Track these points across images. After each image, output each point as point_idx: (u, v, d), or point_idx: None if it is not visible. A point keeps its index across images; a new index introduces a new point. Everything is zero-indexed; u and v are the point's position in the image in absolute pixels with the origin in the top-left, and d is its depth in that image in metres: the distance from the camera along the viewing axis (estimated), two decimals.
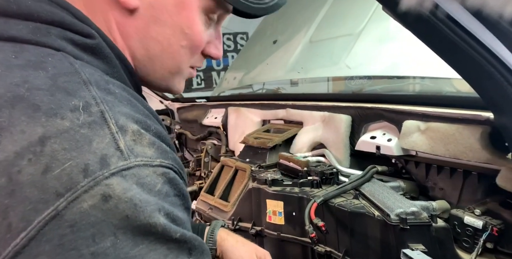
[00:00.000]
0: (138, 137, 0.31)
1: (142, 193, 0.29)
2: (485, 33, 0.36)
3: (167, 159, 0.32)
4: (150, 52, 0.41)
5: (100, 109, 0.30)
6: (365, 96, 1.07)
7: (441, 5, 0.37)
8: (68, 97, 0.30)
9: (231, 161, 1.15)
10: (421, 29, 0.41)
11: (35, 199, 0.26)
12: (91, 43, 0.35)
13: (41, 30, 0.33)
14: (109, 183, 0.28)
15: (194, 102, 1.66)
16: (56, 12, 0.35)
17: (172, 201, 0.31)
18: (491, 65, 0.37)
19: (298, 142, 1.12)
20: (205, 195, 1.14)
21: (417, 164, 0.83)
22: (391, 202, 0.69)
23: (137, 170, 0.29)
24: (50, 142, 0.27)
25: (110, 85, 0.34)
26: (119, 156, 0.29)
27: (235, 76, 1.77)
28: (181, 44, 0.41)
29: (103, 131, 0.29)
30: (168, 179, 0.31)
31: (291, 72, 1.42)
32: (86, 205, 0.27)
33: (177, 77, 0.45)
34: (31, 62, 0.31)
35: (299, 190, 0.88)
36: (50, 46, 0.33)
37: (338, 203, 0.78)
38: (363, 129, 0.96)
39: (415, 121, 0.77)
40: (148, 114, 0.35)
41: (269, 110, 1.30)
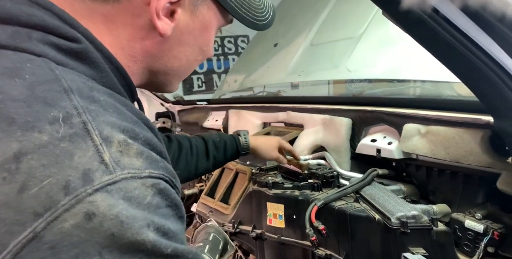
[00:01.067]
0: (124, 147, 0.29)
1: (130, 208, 0.27)
2: (483, 37, 0.36)
3: (157, 168, 0.30)
4: (168, 67, 0.44)
5: (82, 120, 0.28)
6: (366, 99, 1.07)
7: (439, 9, 0.38)
8: (46, 108, 0.28)
9: (232, 164, 1.15)
10: (420, 33, 0.41)
11: (10, 221, 0.25)
12: (76, 48, 0.34)
13: (21, 34, 0.31)
14: (93, 200, 0.26)
15: (195, 105, 1.66)
16: (37, 14, 0.33)
17: (164, 212, 0.30)
18: (490, 69, 0.37)
19: (298, 144, 1.12)
20: (206, 197, 1.14)
21: (417, 167, 0.83)
22: (392, 206, 0.69)
23: (124, 184, 0.27)
24: (26, 158, 0.26)
25: (95, 92, 0.32)
26: (104, 169, 0.27)
27: (236, 79, 1.77)
28: (197, 59, 0.46)
29: (85, 144, 0.27)
30: (158, 190, 0.29)
31: (291, 75, 1.43)
32: (68, 224, 0.25)
33: (179, 80, 0.49)
34: (7, 70, 0.29)
35: (299, 193, 0.88)
36: (31, 51, 0.31)
37: (338, 206, 0.78)
38: (364, 132, 0.96)
39: (416, 125, 0.77)
40: (136, 120, 0.34)
41: (270, 113, 1.30)
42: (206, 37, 0.44)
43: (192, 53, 0.44)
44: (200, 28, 0.43)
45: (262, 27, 0.47)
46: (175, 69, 0.45)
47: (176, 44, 0.42)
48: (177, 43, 0.42)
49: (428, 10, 0.38)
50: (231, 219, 1.02)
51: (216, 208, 1.08)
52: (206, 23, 0.43)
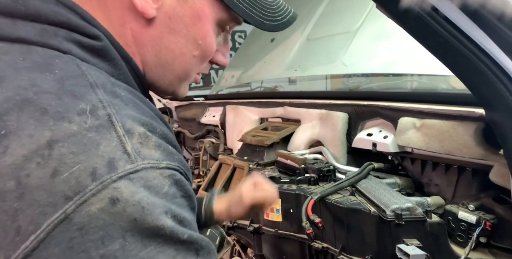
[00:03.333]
0: (144, 139, 0.31)
1: (150, 195, 0.29)
2: (475, 30, 0.37)
3: (173, 160, 0.32)
4: (162, 60, 0.42)
5: (107, 113, 0.30)
6: (362, 93, 1.08)
7: (432, 3, 0.38)
8: (75, 101, 0.30)
9: (229, 159, 1.15)
10: (414, 26, 0.42)
11: (44, 203, 0.27)
12: (97, 45, 0.36)
13: (48, 31, 0.34)
14: (117, 186, 0.28)
15: (192, 101, 1.66)
16: (63, 13, 0.35)
17: (179, 202, 0.32)
18: (481, 62, 0.38)
19: (295, 139, 1.13)
20: (203, 192, 1.15)
21: (412, 160, 0.84)
22: (387, 198, 0.70)
23: (144, 173, 0.29)
24: (58, 146, 0.28)
25: (116, 88, 0.34)
26: (126, 159, 0.29)
27: (233, 75, 1.77)
28: (193, 54, 0.43)
29: (110, 134, 0.29)
30: (175, 181, 0.32)
31: (288, 70, 1.43)
32: (95, 208, 0.27)
33: (184, 83, 0.46)
34: (38, 65, 0.31)
35: (296, 187, 0.89)
36: (57, 48, 0.33)
37: (334, 199, 0.79)
38: (360, 126, 0.97)
39: (411, 118, 0.77)
40: (153, 115, 0.35)
41: (267, 108, 1.30)
42: (199, 27, 0.41)
43: (186, 46, 0.42)
44: (190, 16, 0.40)
45: (269, 27, 0.43)
46: (170, 62, 0.42)
47: (166, 31, 0.40)
48: (166, 29, 0.40)
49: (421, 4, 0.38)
50: None
51: None
52: (197, 11, 0.40)
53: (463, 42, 0.38)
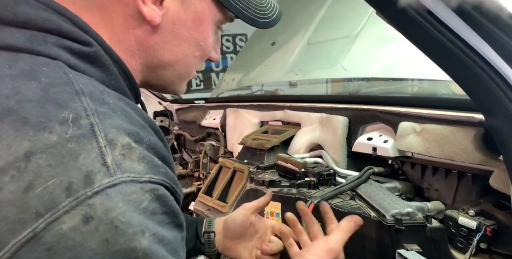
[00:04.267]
0: (127, 151, 0.30)
1: (127, 212, 0.27)
2: (472, 36, 0.37)
3: (157, 174, 0.31)
4: (164, 63, 0.43)
5: (90, 122, 0.29)
6: (362, 98, 1.08)
7: (431, 10, 0.38)
8: (58, 110, 0.29)
9: (229, 162, 1.15)
10: (413, 32, 0.42)
11: (13, 219, 0.25)
12: (88, 51, 0.35)
13: (38, 38, 0.33)
14: (92, 203, 0.26)
15: (192, 104, 1.67)
16: (53, 19, 0.34)
17: (159, 219, 0.30)
18: (479, 68, 0.38)
19: (295, 143, 1.13)
20: (203, 196, 1.15)
21: (413, 165, 0.84)
22: (387, 203, 0.70)
23: (123, 187, 0.28)
24: (35, 158, 0.26)
25: (105, 95, 0.33)
26: (105, 172, 0.27)
27: (233, 78, 1.78)
28: (195, 55, 0.44)
29: (91, 145, 0.28)
30: (157, 196, 0.30)
31: (289, 73, 1.44)
32: (66, 226, 0.25)
33: (184, 81, 0.48)
34: (25, 72, 0.31)
35: (296, 191, 0.89)
36: (46, 54, 0.33)
37: (334, 203, 0.79)
38: (360, 130, 0.97)
39: (411, 123, 0.77)
40: (143, 124, 0.34)
41: (267, 111, 1.31)
42: (201, 30, 0.43)
43: (188, 48, 0.43)
44: (193, 20, 0.42)
45: (263, 25, 0.46)
46: (173, 64, 0.44)
47: (170, 36, 0.41)
48: (170, 34, 0.41)
49: (421, 11, 0.38)
50: None
51: (213, 206, 1.08)
52: (199, 14, 0.42)
53: (461, 48, 0.38)
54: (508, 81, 0.38)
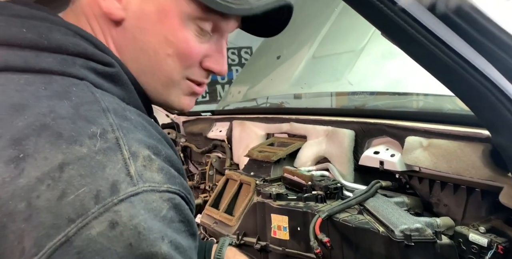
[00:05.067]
0: (148, 162, 0.33)
1: (148, 219, 0.30)
2: (477, 58, 0.38)
3: (174, 184, 0.34)
4: (141, 64, 0.42)
5: (115, 136, 0.32)
6: (368, 111, 1.09)
7: (434, 31, 0.40)
8: (87, 125, 0.32)
9: (236, 175, 1.16)
10: (417, 52, 0.43)
11: (49, 224, 0.28)
12: (111, 71, 0.39)
13: (68, 61, 0.37)
14: (117, 210, 0.29)
15: (199, 116, 1.69)
16: (80, 44, 0.38)
17: (176, 227, 0.32)
18: (485, 88, 0.39)
19: (302, 155, 1.13)
20: (210, 208, 1.15)
21: (420, 179, 0.84)
22: (395, 218, 0.70)
23: (145, 196, 0.31)
24: (68, 168, 0.29)
25: (127, 112, 0.36)
26: (129, 181, 0.30)
27: (239, 90, 1.80)
28: (167, 53, 0.41)
29: (116, 157, 0.31)
30: (174, 205, 0.33)
31: (294, 86, 1.46)
32: (94, 231, 0.28)
33: (173, 90, 0.44)
34: (58, 93, 0.34)
35: (303, 205, 0.89)
36: (75, 75, 0.36)
37: (342, 218, 0.78)
38: (367, 144, 0.97)
39: (418, 138, 0.78)
40: (160, 138, 0.37)
41: (273, 124, 1.32)
42: (167, 23, 0.40)
43: (158, 44, 0.40)
44: (156, 12, 0.39)
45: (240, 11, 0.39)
46: (148, 65, 0.41)
47: (137, 32, 0.40)
48: (137, 30, 0.40)
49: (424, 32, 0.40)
50: (236, 230, 1.02)
51: (220, 219, 1.08)
52: (163, 6, 0.39)
53: (466, 69, 0.40)
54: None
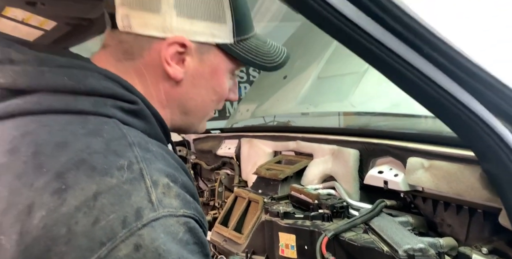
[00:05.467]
0: (167, 189, 0.38)
1: (167, 241, 0.34)
2: (464, 94, 0.43)
3: (189, 209, 0.38)
4: (186, 108, 0.53)
5: (139, 167, 0.37)
6: (371, 132, 1.12)
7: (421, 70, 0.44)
8: (116, 158, 0.37)
9: (244, 192, 1.19)
10: (410, 89, 0.48)
11: (85, 247, 0.32)
12: (135, 108, 0.45)
13: (100, 102, 0.42)
14: (141, 234, 0.33)
15: (209, 134, 1.74)
16: (110, 86, 0.44)
17: (191, 248, 0.37)
18: (472, 121, 0.43)
19: (308, 174, 1.16)
20: (220, 226, 1.18)
21: (424, 199, 0.86)
22: (399, 238, 0.72)
23: (164, 220, 0.35)
24: (100, 197, 0.34)
25: (149, 145, 0.42)
26: (151, 208, 0.35)
27: (247, 108, 1.87)
28: (212, 99, 0.54)
29: (140, 186, 0.36)
30: (189, 228, 0.37)
31: (300, 105, 1.51)
32: (122, 253, 0.32)
33: (203, 121, 0.57)
34: (92, 131, 0.40)
35: (310, 223, 0.91)
36: (105, 115, 0.42)
37: (348, 237, 0.81)
38: (371, 163, 1.00)
39: (419, 159, 0.81)
40: (177, 166, 0.43)
41: (280, 142, 1.36)
42: (216, 79, 0.52)
43: (206, 94, 0.53)
44: (210, 72, 0.51)
45: (271, 68, 0.55)
46: (193, 109, 0.53)
47: (191, 87, 0.51)
48: (191, 86, 0.51)
49: (407, 66, 0.45)
50: (245, 248, 1.04)
51: (229, 237, 1.11)
52: (214, 67, 0.51)
53: (454, 104, 0.44)
54: (499, 134, 0.42)
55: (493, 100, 0.42)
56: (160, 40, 0.47)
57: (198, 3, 0.47)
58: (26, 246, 0.32)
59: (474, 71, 0.42)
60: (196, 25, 0.48)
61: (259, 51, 0.53)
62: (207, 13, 0.48)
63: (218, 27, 0.49)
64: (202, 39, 0.49)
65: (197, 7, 0.47)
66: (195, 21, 0.48)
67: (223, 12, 0.49)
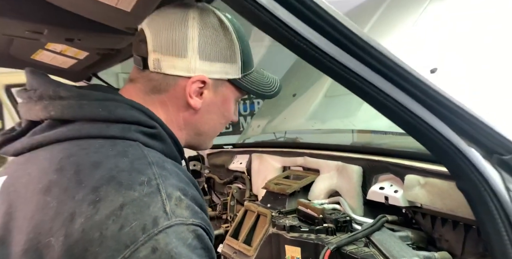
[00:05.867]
0: (179, 202, 0.46)
1: (178, 246, 0.42)
2: (434, 120, 0.49)
3: (197, 218, 0.46)
4: (200, 131, 0.64)
5: (157, 183, 0.46)
6: (373, 149, 1.17)
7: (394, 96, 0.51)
8: (138, 175, 0.46)
9: (254, 206, 1.26)
10: (390, 115, 0.55)
11: (113, 249, 0.41)
12: (154, 132, 0.55)
13: (126, 128, 0.52)
14: (157, 238, 0.41)
15: (222, 149, 1.83)
16: (135, 114, 0.54)
17: (199, 253, 0.44)
18: (442, 142, 0.49)
19: (315, 189, 1.22)
20: (230, 239, 1.24)
21: (424, 215, 0.89)
22: (396, 251, 0.76)
23: (176, 228, 0.43)
24: (125, 208, 0.43)
25: (165, 163, 0.51)
26: (165, 217, 0.43)
27: (259, 124, 1.95)
28: (221, 122, 0.66)
29: (157, 198, 0.44)
30: (197, 235, 0.45)
31: (308, 122, 1.58)
32: (141, 255, 0.40)
33: (212, 139, 0.69)
34: (120, 152, 0.49)
35: (315, 237, 0.96)
36: (131, 139, 0.52)
37: (350, 250, 0.85)
38: (374, 179, 1.05)
39: (416, 176, 0.86)
40: (187, 182, 0.51)
41: (289, 157, 1.42)
42: (226, 106, 0.64)
43: (217, 118, 0.64)
44: (221, 101, 0.63)
45: (269, 96, 0.68)
46: (206, 131, 0.65)
47: (205, 113, 0.62)
48: (205, 113, 0.62)
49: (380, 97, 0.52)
50: None
51: (239, 249, 1.17)
52: (225, 97, 0.63)
53: (427, 129, 0.50)
54: (464, 153, 0.48)
55: (460, 125, 0.49)
56: (185, 79, 0.58)
57: (216, 49, 0.59)
58: (69, 246, 0.41)
59: (445, 102, 0.49)
60: (214, 66, 0.59)
61: (260, 83, 0.66)
62: (222, 56, 0.59)
63: (230, 66, 0.61)
64: (217, 77, 0.60)
65: (215, 52, 0.59)
66: (213, 63, 0.59)
67: (234, 54, 0.61)
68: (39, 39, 0.94)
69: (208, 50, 0.58)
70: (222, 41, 0.59)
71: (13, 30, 0.88)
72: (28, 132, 0.55)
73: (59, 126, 0.52)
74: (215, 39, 0.59)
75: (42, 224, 0.44)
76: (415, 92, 0.50)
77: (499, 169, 0.52)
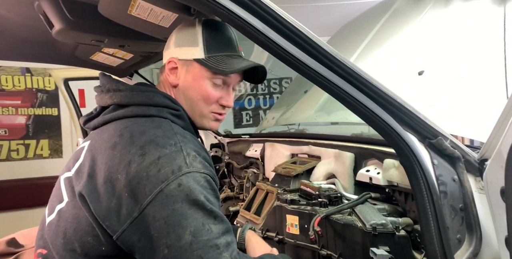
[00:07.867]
0: (194, 158, 0.71)
1: (194, 184, 0.66)
2: (383, 113, 0.69)
3: (207, 170, 0.71)
4: (187, 107, 0.87)
5: (180, 145, 0.71)
6: (363, 139, 1.37)
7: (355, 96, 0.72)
8: (168, 140, 0.71)
9: (264, 185, 1.50)
10: (354, 110, 0.76)
11: (154, 182, 0.65)
12: (178, 113, 0.81)
13: (161, 110, 0.79)
14: (181, 178, 0.64)
15: (240, 138, 2.08)
16: (166, 101, 0.81)
17: (208, 191, 0.69)
18: (389, 130, 0.69)
19: (316, 172, 1.43)
20: (244, 211, 1.49)
21: (399, 192, 1.09)
22: (370, 217, 0.97)
23: (193, 174, 0.67)
24: (161, 159, 0.68)
25: (186, 134, 0.77)
26: (186, 166, 0.66)
27: (273, 116, 2.18)
28: (197, 99, 0.84)
29: (180, 154, 0.68)
30: (206, 180, 0.70)
31: (316, 113, 1.79)
32: (172, 187, 0.63)
33: (204, 119, 0.90)
34: (157, 125, 0.75)
35: (310, 208, 1.19)
36: (164, 117, 0.78)
37: (336, 217, 1.07)
38: (363, 164, 1.25)
39: (392, 160, 1.05)
40: (201, 147, 0.77)
41: (296, 146, 1.64)
42: (197, 83, 0.82)
43: (194, 95, 0.83)
44: (193, 78, 0.82)
45: (224, 72, 0.80)
46: (191, 108, 0.84)
47: (184, 90, 0.84)
48: (184, 89, 0.84)
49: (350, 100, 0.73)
50: (261, 227, 1.34)
51: (250, 218, 1.42)
52: (195, 74, 0.82)
53: (379, 120, 0.71)
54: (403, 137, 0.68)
55: (402, 117, 0.69)
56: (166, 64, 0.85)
57: (183, 38, 0.83)
58: (129, 180, 0.67)
59: (391, 100, 0.69)
60: (182, 50, 0.82)
61: (222, 62, 0.80)
62: (188, 41, 0.82)
63: (194, 49, 0.81)
64: (185, 57, 0.82)
65: (182, 39, 0.83)
66: (182, 48, 0.82)
67: (196, 40, 0.81)
68: (99, 45, 1.22)
69: (179, 39, 0.83)
70: (188, 31, 0.82)
71: (82, 39, 1.16)
72: (100, 113, 0.84)
73: (119, 109, 0.80)
74: (185, 30, 0.82)
75: (112, 167, 0.68)
76: (370, 93, 0.71)
77: (428, 149, 0.71)
